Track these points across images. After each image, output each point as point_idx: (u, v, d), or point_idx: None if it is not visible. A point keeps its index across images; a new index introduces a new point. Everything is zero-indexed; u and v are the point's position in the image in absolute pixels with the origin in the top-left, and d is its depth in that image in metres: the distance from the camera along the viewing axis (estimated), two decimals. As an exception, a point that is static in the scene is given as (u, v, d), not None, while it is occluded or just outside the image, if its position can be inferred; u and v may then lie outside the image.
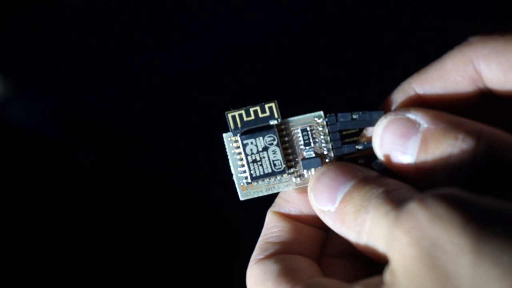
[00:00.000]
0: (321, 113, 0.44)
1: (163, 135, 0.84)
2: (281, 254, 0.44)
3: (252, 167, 0.44)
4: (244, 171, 0.45)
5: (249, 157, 0.44)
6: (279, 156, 0.44)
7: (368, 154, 0.44)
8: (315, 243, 0.45)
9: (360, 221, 0.39)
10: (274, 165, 0.44)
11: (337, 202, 0.41)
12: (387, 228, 0.37)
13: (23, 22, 0.86)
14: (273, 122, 0.44)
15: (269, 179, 0.45)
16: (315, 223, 0.45)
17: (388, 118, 0.41)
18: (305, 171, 0.45)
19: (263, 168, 0.44)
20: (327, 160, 0.45)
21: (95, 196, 0.84)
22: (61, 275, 0.82)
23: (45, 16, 0.86)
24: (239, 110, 0.44)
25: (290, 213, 0.45)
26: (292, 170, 0.45)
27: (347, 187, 0.40)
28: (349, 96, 0.70)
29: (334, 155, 0.45)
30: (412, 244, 0.35)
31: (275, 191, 0.45)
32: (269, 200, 0.46)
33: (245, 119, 0.44)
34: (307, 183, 0.45)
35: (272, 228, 0.45)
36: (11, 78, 0.86)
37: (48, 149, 0.85)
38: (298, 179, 0.45)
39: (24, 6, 0.86)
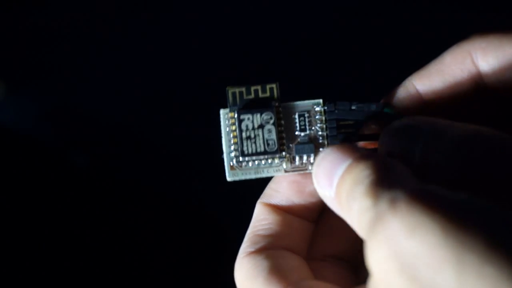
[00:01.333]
0: (320, 100, 0.45)
1: (158, 136, 0.83)
2: (271, 249, 0.43)
3: (245, 143, 0.44)
4: (236, 149, 0.44)
5: (243, 133, 0.44)
6: (273, 135, 0.44)
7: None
8: (304, 237, 0.44)
9: (350, 208, 0.38)
10: (268, 144, 0.44)
11: (334, 186, 0.40)
12: (365, 230, 0.36)
13: (15, 24, 0.87)
14: (272, 103, 0.44)
15: (260, 160, 0.44)
16: (305, 215, 0.44)
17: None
18: (297, 157, 0.44)
19: (256, 145, 0.44)
20: (320, 149, 0.45)
21: (89, 198, 0.83)
22: (55, 276, 0.81)
23: (38, 18, 0.87)
24: (240, 88, 0.45)
25: (280, 203, 0.45)
26: (284, 153, 0.44)
27: (342, 169, 0.39)
28: (353, 89, 0.71)
29: (328, 143, 0.44)
30: (390, 257, 0.33)
31: (264, 176, 0.45)
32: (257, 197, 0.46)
33: (245, 96, 0.45)
34: (297, 169, 0.45)
35: (262, 221, 0.44)
36: (4, 80, 0.86)
37: (41, 151, 0.85)
38: (289, 164, 0.45)
39: (16, 8, 0.87)
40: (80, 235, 0.82)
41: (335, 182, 0.39)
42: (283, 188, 0.45)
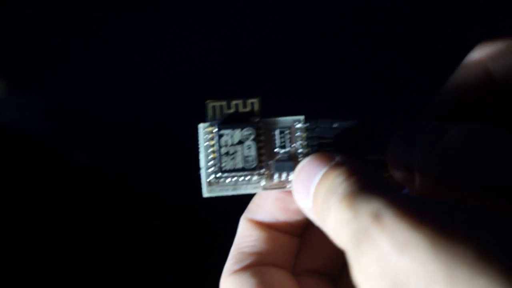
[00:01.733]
0: (302, 117, 0.44)
1: (158, 133, 0.83)
2: (257, 266, 0.42)
3: (223, 160, 0.43)
4: (214, 165, 0.43)
5: (222, 149, 0.43)
6: (253, 152, 0.43)
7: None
8: (290, 252, 0.44)
9: (325, 218, 0.38)
10: (247, 161, 0.43)
11: (311, 196, 0.39)
12: (350, 245, 0.35)
13: (15, 22, 0.86)
14: (253, 119, 0.44)
15: (238, 176, 0.43)
16: (290, 230, 0.44)
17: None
18: (276, 174, 0.44)
19: (235, 162, 0.43)
20: None
21: (90, 196, 0.83)
22: (56, 275, 0.81)
23: (37, 16, 0.86)
24: (221, 102, 0.44)
25: (264, 220, 0.44)
26: (263, 170, 0.44)
27: (318, 177, 0.39)
28: (337, 105, 0.70)
29: None
30: (381, 276, 0.33)
31: (242, 192, 0.44)
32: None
33: (225, 111, 0.44)
34: (275, 187, 0.44)
35: (247, 237, 0.43)
36: (4, 78, 0.86)
37: (42, 150, 0.84)
38: (268, 181, 0.44)
39: (18, 6, 0.86)
40: (81, 234, 0.82)
41: (312, 191, 0.39)
42: (267, 204, 0.44)
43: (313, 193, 0.39)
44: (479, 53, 0.42)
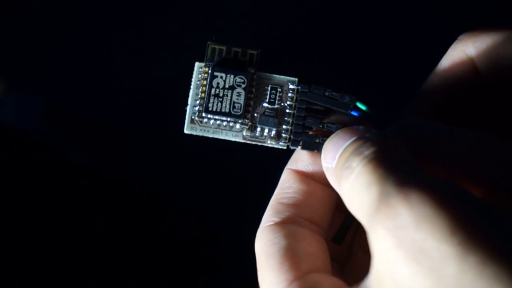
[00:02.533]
0: (296, 79, 0.44)
1: (156, 132, 0.83)
2: (293, 222, 0.43)
3: (211, 100, 0.44)
4: (201, 104, 0.44)
5: (213, 90, 0.44)
6: (242, 100, 0.44)
7: (326, 135, 0.43)
8: (327, 208, 0.44)
9: (345, 177, 0.38)
10: (234, 107, 0.44)
11: (337, 157, 0.40)
12: (368, 209, 0.36)
13: (13, 21, 0.87)
14: (249, 69, 0.44)
15: (222, 121, 0.44)
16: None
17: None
18: (259, 127, 0.44)
19: (221, 105, 0.44)
20: (284, 126, 0.44)
21: (88, 196, 0.84)
22: (54, 274, 0.81)
23: (35, 15, 0.87)
24: (221, 45, 0.44)
25: (307, 169, 0.44)
26: (247, 121, 0.44)
27: (348, 143, 0.39)
28: (334, 78, 0.71)
29: (293, 122, 0.44)
30: (397, 247, 0.34)
31: (221, 137, 0.44)
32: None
33: (223, 55, 0.44)
34: (255, 140, 0.44)
35: (287, 189, 0.44)
36: (2, 77, 0.86)
37: (40, 148, 0.85)
38: (249, 133, 0.44)
39: (16, 6, 0.87)
40: (79, 233, 0.82)
41: (339, 152, 0.40)
42: (310, 154, 0.44)
43: (339, 154, 0.40)
44: (464, 46, 0.42)
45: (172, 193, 0.84)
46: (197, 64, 0.44)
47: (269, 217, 0.43)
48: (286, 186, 0.44)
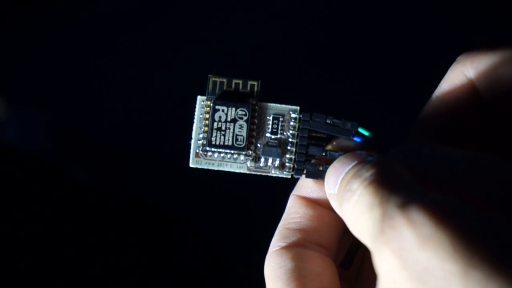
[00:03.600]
0: (297, 108, 0.45)
1: (159, 151, 0.83)
2: (300, 246, 0.43)
3: (214, 134, 0.44)
4: (204, 138, 0.44)
5: (215, 123, 0.44)
6: (244, 132, 0.44)
7: (329, 163, 0.43)
8: (334, 232, 0.45)
9: (347, 199, 0.39)
10: (236, 139, 0.44)
11: (339, 182, 0.40)
12: (371, 231, 0.36)
13: (15, 41, 0.88)
14: (250, 100, 0.44)
15: (226, 153, 0.44)
16: None
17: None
18: (262, 158, 0.44)
19: (224, 138, 0.44)
20: (287, 155, 0.44)
21: (89, 214, 0.84)
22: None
23: (37, 35, 0.88)
24: (222, 78, 0.45)
25: (312, 195, 0.45)
26: (250, 152, 0.44)
27: (349, 167, 0.40)
28: (335, 103, 0.71)
29: (296, 151, 0.44)
30: (403, 268, 0.34)
31: (226, 169, 0.45)
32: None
33: (225, 87, 0.45)
34: (259, 170, 0.45)
35: (293, 214, 0.44)
36: (4, 97, 0.87)
37: (42, 167, 0.85)
38: (253, 163, 0.44)
39: (16, 24, 0.88)
40: (81, 252, 0.83)
41: (341, 178, 0.40)
42: (315, 181, 0.45)
43: (341, 179, 0.40)
44: (463, 68, 0.43)
45: (176, 215, 0.84)
46: (199, 98, 0.45)
47: (276, 242, 0.44)
48: (293, 212, 0.44)
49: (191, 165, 0.45)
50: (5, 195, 0.84)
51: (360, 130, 0.44)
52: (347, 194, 0.39)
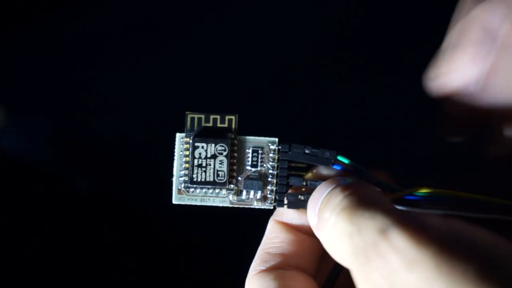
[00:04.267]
0: (276, 139, 0.45)
1: (160, 161, 0.84)
2: (281, 269, 0.44)
3: (195, 171, 0.44)
4: (186, 175, 0.45)
5: (195, 160, 0.44)
6: (224, 167, 0.44)
7: (310, 192, 0.44)
8: (314, 255, 0.45)
9: (322, 229, 0.40)
10: (218, 175, 0.45)
11: (316, 214, 0.41)
12: (355, 258, 0.37)
13: (15, 50, 0.88)
14: (229, 135, 0.45)
15: (208, 189, 0.45)
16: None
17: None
18: (244, 191, 0.45)
19: (205, 175, 0.45)
20: (268, 187, 0.45)
21: (90, 223, 0.84)
22: None
23: (37, 44, 0.88)
24: (199, 114, 0.45)
25: (292, 222, 0.45)
26: (232, 186, 0.45)
27: (323, 196, 0.41)
28: (315, 133, 0.71)
29: (276, 182, 0.45)
30: None
31: (209, 204, 0.45)
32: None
33: (203, 123, 0.45)
34: (242, 204, 0.45)
35: (273, 239, 0.45)
36: (4, 105, 0.87)
37: (42, 176, 0.85)
38: (235, 197, 0.45)
39: (16, 34, 0.88)
40: (81, 261, 0.83)
41: (317, 209, 0.41)
42: None
43: (317, 209, 0.41)
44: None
45: (176, 223, 0.85)
46: (178, 135, 0.45)
47: (256, 266, 0.44)
48: (273, 236, 0.45)
49: (174, 202, 0.45)
50: (4, 203, 0.84)
51: (339, 158, 0.44)
52: (320, 223, 0.40)
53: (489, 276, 0.33)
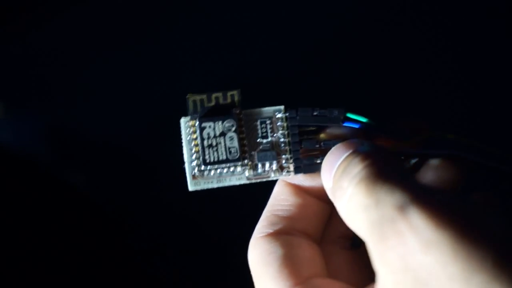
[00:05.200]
0: (282, 107, 0.44)
1: (155, 155, 0.83)
2: (288, 234, 0.43)
3: (207, 152, 0.43)
4: (198, 158, 0.44)
5: (205, 141, 0.43)
6: (235, 143, 0.44)
7: (325, 154, 0.43)
8: (321, 220, 0.44)
9: (339, 197, 0.39)
10: (230, 152, 0.44)
11: (332, 177, 0.40)
12: (370, 233, 0.36)
13: (12, 44, 0.87)
14: (234, 110, 0.44)
15: (223, 168, 0.44)
16: (323, 197, 0.44)
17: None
18: (259, 164, 0.44)
19: (218, 154, 0.44)
20: (283, 156, 0.44)
21: (86, 216, 0.83)
22: None
23: (35, 38, 0.87)
24: (201, 95, 0.44)
25: (301, 184, 0.44)
26: (246, 161, 0.44)
27: (340, 161, 0.40)
28: (316, 96, 0.71)
29: (290, 150, 0.44)
30: (405, 271, 0.34)
31: (226, 184, 0.44)
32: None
33: (205, 104, 0.44)
34: (259, 177, 0.44)
35: (282, 201, 0.44)
36: (1, 99, 0.87)
37: (38, 170, 0.85)
38: (251, 172, 0.44)
39: (15, 28, 0.87)
40: (76, 256, 0.82)
41: (333, 172, 0.40)
42: None
43: (333, 174, 0.40)
44: None
45: (172, 218, 0.84)
46: (182, 120, 0.44)
47: (263, 228, 0.43)
48: (281, 199, 0.44)
49: (191, 188, 0.44)
50: (1, 197, 0.83)
51: (349, 115, 0.44)
52: (338, 192, 0.39)
53: (507, 265, 0.32)
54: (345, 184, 0.38)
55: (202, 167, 0.43)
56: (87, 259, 0.82)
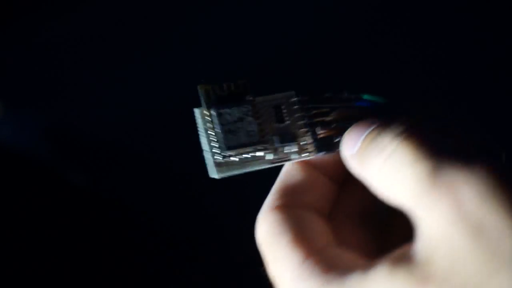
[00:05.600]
0: (293, 92, 0.45)
1: (155, 153, 0.80)
2: (298, 207, 0.42)
3: (227, 137, 0.42)
4: (219, 146, 0.42)
5: (224, 127, 0.42)
6: (255, 126, 0.43)
7: (342, 133, 0.43)
8: (329, 197, 0.43)
9: (375, 157, 0.38)
10: (250, 135, 0.43)
11: (359, 143, 0.40)
12: (415, 187, 0.36)
13: (13, 43, 0.86)
14: (247, 97, 0.44)
15: (244, 152, 0.43)
16: (332, 174, 0.44)
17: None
18: (279, 147, 0.43)
19: (238, 138, 0.43)
20: (301, 138, 0.44)
21: (86, 214, 0.82)
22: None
23: (35, 38, 0.86)
24: (212, 84, 0.44)
25: (312, 159, 0.43)
26: (267, 145, 0.43)
27: (370, 129, 0.39)
28: (330, 81, 0.70)
29: (308, 131, 0.44)
30: (460, 221, 0.34)
31: (250, 169, 0.43)
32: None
33: (218, 92, 0.43)
34: (281, 160, 0.43)
35: (293, 176, 0.43)
36: (2, 99, 0.85)
37: (38, 168, 0.83)
38: (273, 155, 0.43)
39: (15, 28, 0.86)
40: (76, 254, 0.81)
41: (361, 139, 0.40)
42: None
43: (362, 139, 0.39)
44: None
45: (172, 216, 0.82)
46: (196, 110, 0.43)
47: (273, 201, 0.42)
48: (293, 174, 0.43)
49: (216, 176, 0.42)
50: (1, 195, 0.81)
51: (361, 95, 0.44)
52: (374, 150, 0.39)
53: None
54: (385, 141, 0.38)
55: (226, 153, 0.42)
56: (88, 258, 0.81)
